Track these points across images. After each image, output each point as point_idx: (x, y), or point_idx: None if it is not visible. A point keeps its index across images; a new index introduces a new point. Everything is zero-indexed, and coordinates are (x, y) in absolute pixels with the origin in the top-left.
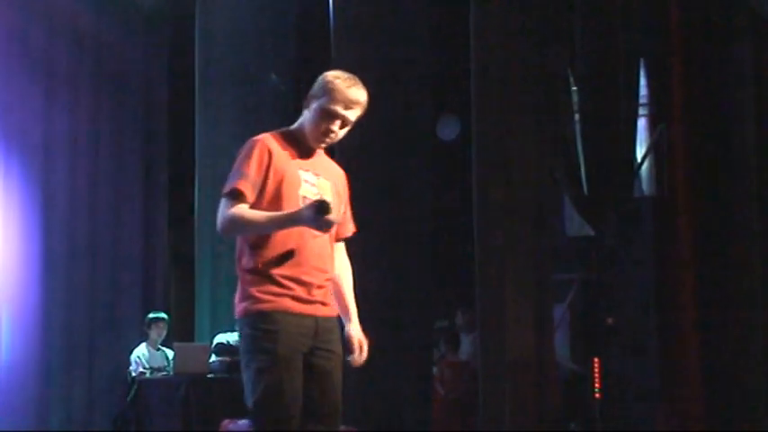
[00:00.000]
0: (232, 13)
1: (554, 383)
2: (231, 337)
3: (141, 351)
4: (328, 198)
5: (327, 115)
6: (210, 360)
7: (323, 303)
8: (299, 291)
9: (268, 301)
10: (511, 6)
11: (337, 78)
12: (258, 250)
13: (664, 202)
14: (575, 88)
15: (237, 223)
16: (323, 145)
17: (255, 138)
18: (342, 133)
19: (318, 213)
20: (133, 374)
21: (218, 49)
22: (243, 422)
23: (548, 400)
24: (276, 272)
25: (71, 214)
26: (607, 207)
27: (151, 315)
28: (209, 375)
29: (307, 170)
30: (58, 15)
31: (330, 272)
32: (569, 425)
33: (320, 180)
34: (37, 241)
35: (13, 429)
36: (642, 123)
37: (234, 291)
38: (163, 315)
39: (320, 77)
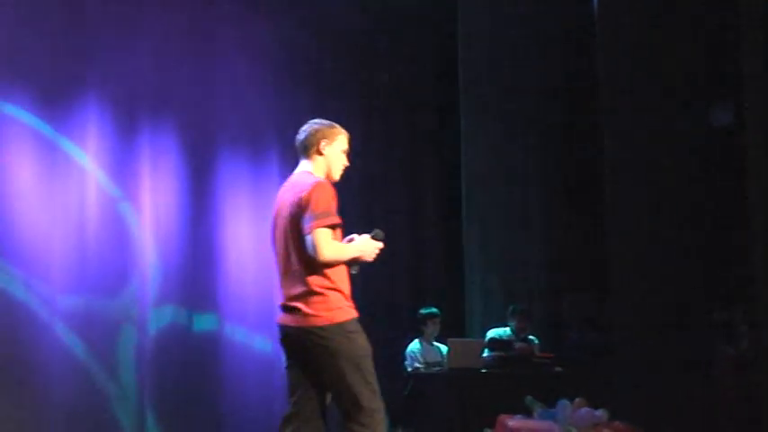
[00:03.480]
0: (494, 19)
1: None
2: (504, 332)
3: (416, 346)
4: None
5: (345, 152)
6: (484, 355)
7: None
8: (351, 301)
9: (350, 311)
10: None
11: (333, 125)
12: (331, 272)
13: None
14: None
15: (337, 254)
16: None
17: (322, 181)
18: None
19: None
20: (408, 369)
21: (480, 56)
22: (520, 417)
23: None
24: (342, 288)
25: (345, 212)
26: None
27: (424, 311)
28: (482, 370)
29: None
30: (323, 24)
31: None
32: None
33: None
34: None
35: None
36: None
37: (506, 286)
38: (436, 311)
39: (317, 129)
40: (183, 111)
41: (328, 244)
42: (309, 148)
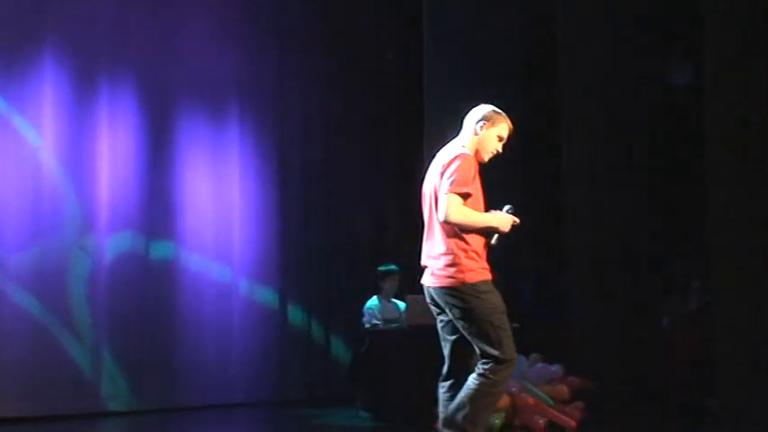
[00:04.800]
0: (462, 9)
1: None
2: None
3: (374, 303)
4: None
5: (500, 139)
6: None
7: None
8: (486, 263)
9: (482, 273)
10: None
11: (500, 113)
12: (467, 236)
13: None
14: None
15: (468, 220)
16: (488, 160)
17: (467, 154)
18: None
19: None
20: (366, 326)
21: (447, 47)
22: None
23: None
24: (476, 252)
25: (305, 174)
26: None
27: (383, 268)
28: None
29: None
30: None
31: None
32: None
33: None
34: (273, 210)
35: (251, 382)
36: None
37: None
38: (395, 267)
39: (481, 110)
40: (142, 67)
41: (456, 208)
42: (468, 125)
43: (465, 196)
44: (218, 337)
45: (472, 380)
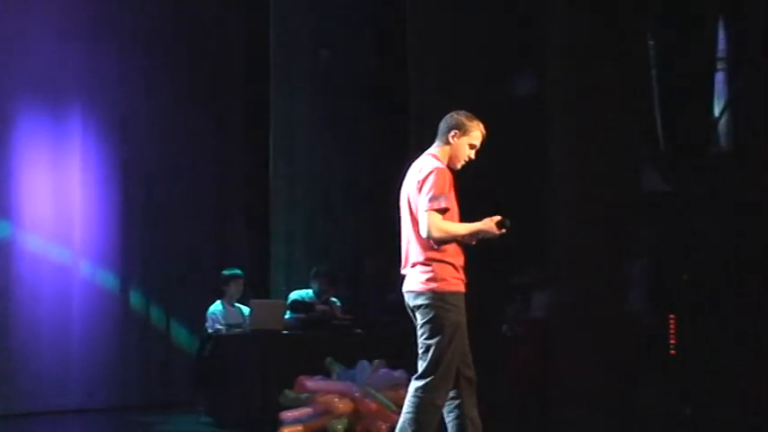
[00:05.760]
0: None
1: (628, 340)
2: (307, 294)
3: (217, 308)
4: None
5: (471, 147)
6: (286, 316)
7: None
8: (462, 275)
9: (454, 284)
10: None
11: (472, 119)
12: (445, 246)
13: (742, 156)
14: (651, 42)
15: (449, 234)
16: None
17: (441, 167)
18: None
19: (500, 228)
20: (209, 331)
21: (293, 34)
22: (318, 378)
23: (621, 357)
24: (453, 261)
25: (147, 174)
26: (684, 162)
27: (227, 272)
28: (284, 332)
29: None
30: None
31: None
32: (647, 380)
33: None
34: (116, 201)
35: (89, 384)
36: (720, 77)
37: (310, 249)
38: (239, 272)
39: (454, 118)
40: None
41: (437, 225)
42: (441, 134)
43: (443, 211)
44: (57, 327)
45: (409, 399)
